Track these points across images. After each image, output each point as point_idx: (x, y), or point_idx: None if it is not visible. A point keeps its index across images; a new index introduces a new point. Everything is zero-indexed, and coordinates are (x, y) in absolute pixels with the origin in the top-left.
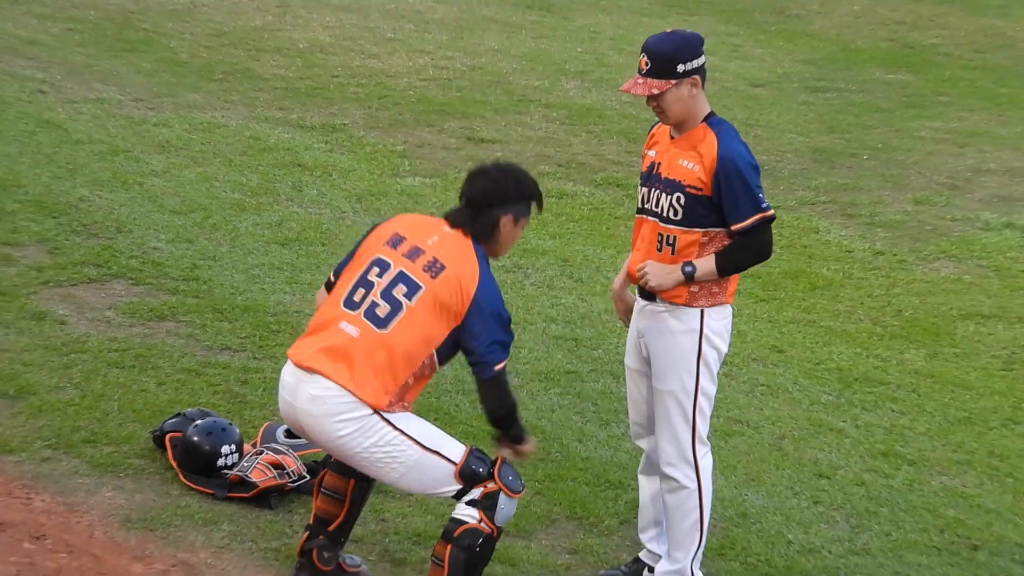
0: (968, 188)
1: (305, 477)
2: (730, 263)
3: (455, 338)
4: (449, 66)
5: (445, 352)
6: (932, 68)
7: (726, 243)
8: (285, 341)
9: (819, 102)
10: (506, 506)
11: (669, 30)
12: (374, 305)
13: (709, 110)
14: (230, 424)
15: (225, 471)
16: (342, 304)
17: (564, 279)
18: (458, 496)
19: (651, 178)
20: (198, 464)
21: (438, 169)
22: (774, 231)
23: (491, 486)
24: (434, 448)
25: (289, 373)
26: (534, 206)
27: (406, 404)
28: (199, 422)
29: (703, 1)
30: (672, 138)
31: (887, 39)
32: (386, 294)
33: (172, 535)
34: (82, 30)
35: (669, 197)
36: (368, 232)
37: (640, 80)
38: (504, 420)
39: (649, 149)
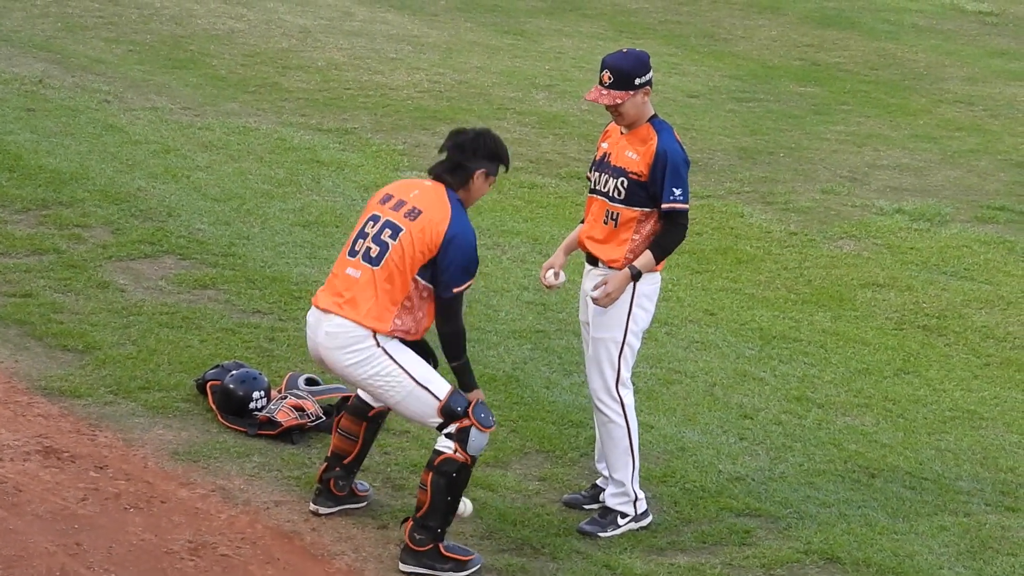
0: (865, 180)
1: (322, 418)
2: (660, 250)
3: (431, 267)
4: (440, 80)
5: (424, 275)
6: (835, 82)
7: (655, 222)
8: (306, 306)
9: (743, 110)
10: (477, 439)
11: (624, 50)
12: (368, 249)
13: (653, 112)
14: (260, 374)
15: (256, 413)
16: (348, 254)
17: (535, 255)
18: (440, 428)
19: (602, 165)
20: (233, 407)
21: (431, 165)
22: (707, 216)
23: (465, 422)
24: (424, 383)
25: (312, 315)
26: (502, 168)
27: (418, 318)
28: (234, 372)
29: (648, 27)
30: (622, 133)
31: (798, 59)
32: (376, 239)
33: (212, 465)
34: (140, 51)
35: (615, 181)
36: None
37: (604, 92)
38: (450, 339)
39: (603, 142)
